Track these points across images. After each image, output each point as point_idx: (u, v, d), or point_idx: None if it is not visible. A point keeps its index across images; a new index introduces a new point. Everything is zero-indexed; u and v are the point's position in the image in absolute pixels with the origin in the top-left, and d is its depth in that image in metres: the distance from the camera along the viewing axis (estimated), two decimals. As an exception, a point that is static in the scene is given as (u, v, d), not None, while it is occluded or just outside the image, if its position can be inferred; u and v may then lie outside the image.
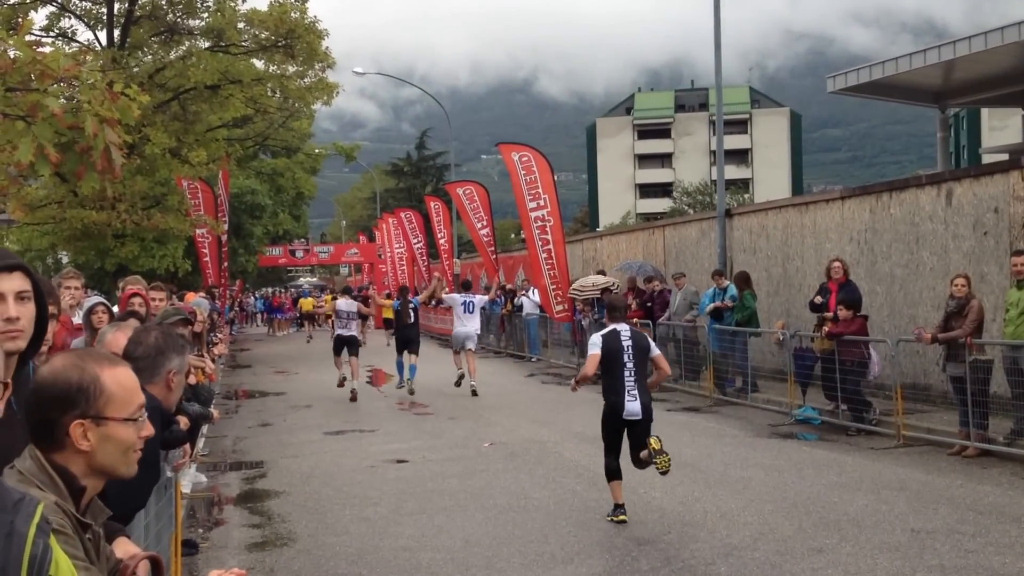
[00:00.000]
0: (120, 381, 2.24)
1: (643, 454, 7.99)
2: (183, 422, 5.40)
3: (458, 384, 17.35)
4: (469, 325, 17.87)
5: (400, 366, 17.73)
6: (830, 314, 12.56)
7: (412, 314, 18.20)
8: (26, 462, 2.16)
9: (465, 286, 19.56)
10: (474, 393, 16.85)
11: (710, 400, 15.23)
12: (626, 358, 8.19)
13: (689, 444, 11.50)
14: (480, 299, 18.69)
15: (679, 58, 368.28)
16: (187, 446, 5.89)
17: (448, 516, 8.39)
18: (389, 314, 24.71)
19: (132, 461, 2.26)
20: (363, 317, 28.22)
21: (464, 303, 18.09)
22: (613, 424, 8.24)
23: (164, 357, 3.65)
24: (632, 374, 8.15)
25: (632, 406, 8.08)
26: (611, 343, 8.27)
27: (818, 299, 13.11)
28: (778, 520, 7.77)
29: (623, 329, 8.39)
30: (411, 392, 17.12)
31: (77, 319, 7.11)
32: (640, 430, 8.12)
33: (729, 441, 11.75)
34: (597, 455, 10.98)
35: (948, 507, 8.05)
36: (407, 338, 17.74)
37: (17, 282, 2.71)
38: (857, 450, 10.89)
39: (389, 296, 26.27)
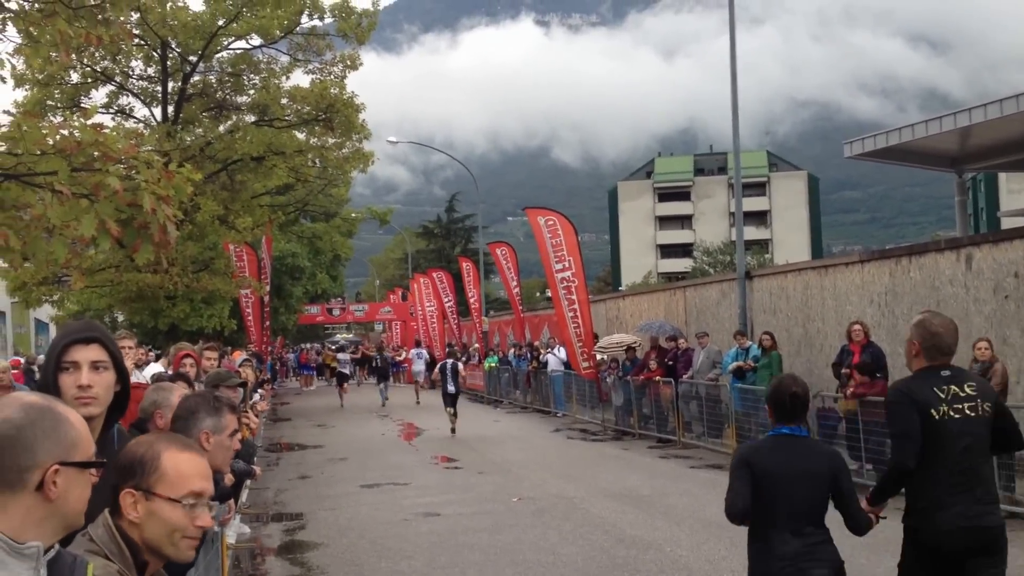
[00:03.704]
0: (177, 464, 2.22)
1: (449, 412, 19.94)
2: (228, 479, 5.40)
3: (418, 403, 28.40)
4: (418, 366, 31.26)
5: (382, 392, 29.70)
6: (854, 373, 12.35)
7: (382, 360, 33.06)
8: (98, 529, 2.18)
9: (417, 343, 35.91)
10: (417, 403, 28.35)
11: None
12: (449, 373, 20.25)
13: (714, 502, 11.31)
14: (424, 352, 33.09)
15: (686, 126, 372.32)
16: (231, 501, 5.89)
17: (479, 571, 8.30)
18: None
19: (180, 545, 2.21)
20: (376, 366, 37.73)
21: (416, 353, 32.37)
22: (444, 395, 20.19)
23: (195, 417, 3.64)
24: (451, 379, 20.17)
25: (450, 388, 20.02)
26: (443, 368, 20.72)
27: (845, 370, 12.77)
28: (804, 579, 7.60)
29: (450, 362, 20.96)
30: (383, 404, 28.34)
31: (134, 378, 7.17)
32: (455, 398, 20.00)
33: (754, 498, 11.53)
34: (624, 511, 10.89)
35: (972, 567, 7.84)
36: (382, 374, 31.34)
37: (93, 352, 2.79)
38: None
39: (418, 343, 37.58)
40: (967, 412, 4.49)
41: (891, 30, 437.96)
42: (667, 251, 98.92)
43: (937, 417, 4.46)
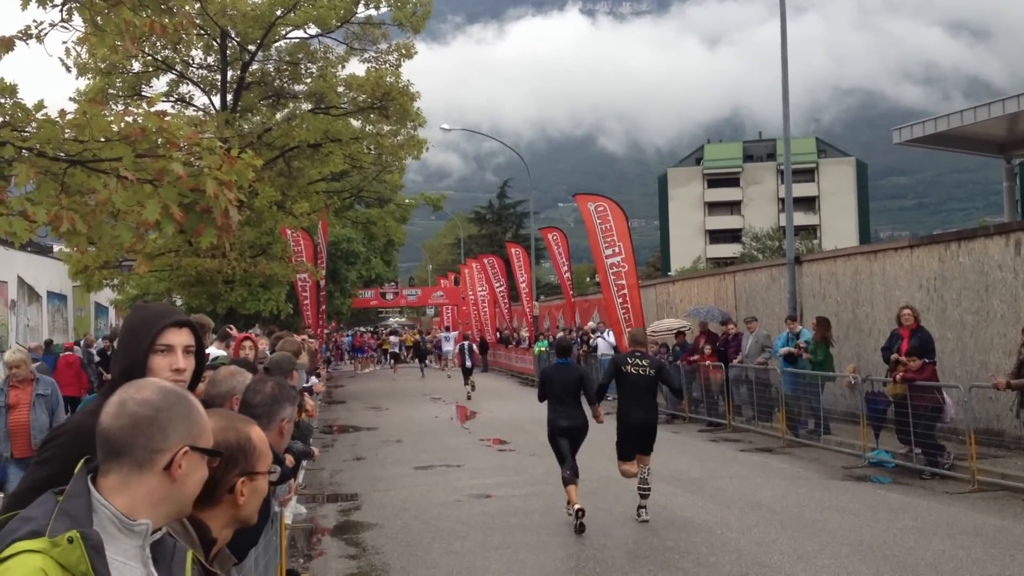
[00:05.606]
0: (262, 438, 2.31)
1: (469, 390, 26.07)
2: (288, 459, 5.43)
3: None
4: (447, 346, 37.29)
5: (421, 369, 37.03)
6: (903, 359, 12.09)
7: (423, 343, 39.57)
8: None
9: (447, 328, 43.75)
10: (448, 376, 35.16)
11: (783, 441, 14.83)
12: (466, 350, 27.05)
13: (764, 485, 11.18)
14: (451, 335, 39.16)
15: (730, 114, 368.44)
16: (291, 481, 5.92)
17: (531, 552, 8.27)
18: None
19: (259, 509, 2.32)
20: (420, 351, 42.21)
21: (444, 336, 39.35)
22: (463, 370, 26.75)
23: (279, 406, 3.69)
24: (467, 356, 26.75)
25: (467, 363, 26.54)
26: (461, 348, 27.59)
27: (894, 356, 12.50)
28: (855, 564, 7.46)
29: (466, 343, 27.88)
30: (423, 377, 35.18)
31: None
32: (470, 371, 26.57)
33: (803, 483, 11.38)
34: (675, 494, 10.79)
35: (1027, 554, 7.64)
36: (422, 355, 37.85)
37: (184, 337, 2.82)
38: (932, 494, 10.45)
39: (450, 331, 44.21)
40: (640, 372, 9.77)
41: (930, 19, 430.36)
42: (716, 236, 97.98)
43: (625, 371, 9.78)
